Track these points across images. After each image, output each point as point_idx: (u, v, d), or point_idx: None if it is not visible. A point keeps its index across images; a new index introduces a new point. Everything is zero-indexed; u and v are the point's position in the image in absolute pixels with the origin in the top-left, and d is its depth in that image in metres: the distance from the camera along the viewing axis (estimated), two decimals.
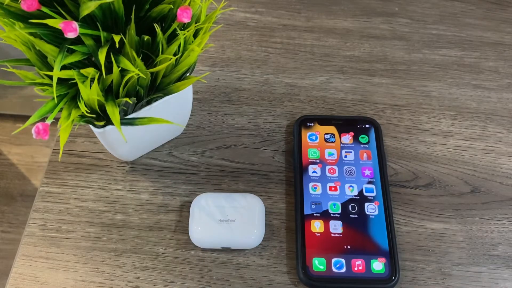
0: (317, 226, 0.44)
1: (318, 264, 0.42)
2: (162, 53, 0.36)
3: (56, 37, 0.34)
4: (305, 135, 0.49)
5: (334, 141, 0.49)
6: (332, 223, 0.44)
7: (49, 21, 0.31)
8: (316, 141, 0.49)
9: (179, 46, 0.37)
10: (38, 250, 0.43)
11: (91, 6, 0.31)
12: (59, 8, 0.33)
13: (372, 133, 0.49)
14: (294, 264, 0.43)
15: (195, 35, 0.38)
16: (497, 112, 0.53)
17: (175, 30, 0.36)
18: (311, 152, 0.48)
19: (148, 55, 0.37)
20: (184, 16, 0.34)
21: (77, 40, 0.33)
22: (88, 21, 0.34)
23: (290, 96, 0.53)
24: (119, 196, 0.46)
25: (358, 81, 0.55)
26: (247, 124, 0.51)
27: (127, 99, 0.35)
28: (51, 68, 0.35)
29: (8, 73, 0.35)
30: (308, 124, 0.50)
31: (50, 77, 0.35)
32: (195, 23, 0.38)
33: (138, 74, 0.34)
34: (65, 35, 0.30)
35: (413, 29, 0.60)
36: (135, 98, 0.37)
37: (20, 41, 0.34)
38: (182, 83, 0.39)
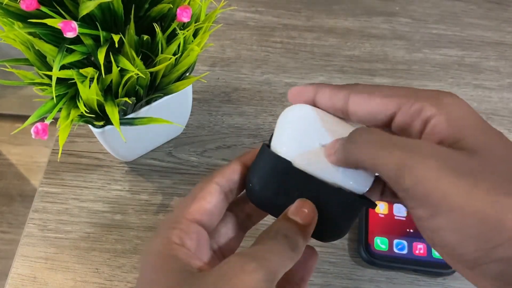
0: (381, 207, 0.45)
1: (380, 243, 0.43)
2: (161, 53, 0.36)
3: (55, 37, 0.34)
4: None
5: None
6: (396, 206, 0.45)
7: (48, 21, 0.31)
8: None
9: (178, 46, 0.36)
10: (37, 251, 0.43)
11: (90, 6, 0.31)
12: (58, 7, 0.32)
13: None
14: None
15: (195, 35, 0.38)
16: (498, 112, 0.53)
17: (174, 29, 0.36)
18: None
19: (148, 54, 0.37)
20: (183, 16, 0.34)
21: (76, 40, 0.33)
22: (87, 21, 0.34)
23: None
24: (119, 196, 0.46)
25: (358, 80, 0.55)
26: (247, 124, 0.51)
27: (126, 99, 0.35)
28: (50, 68, 0.35)
29: (7, 73, 0.35)
30: None
31: (49, 77, 0.35)
32: (195, 22, 0.37)
33: (138, 74, 0.34)
34: (64, 35, 0.30)
35: (414, 28, 0.59)
36: (134, 98, 0.37)
37: (19, 41, 0.34)
38: (182, 83, 0.39)
